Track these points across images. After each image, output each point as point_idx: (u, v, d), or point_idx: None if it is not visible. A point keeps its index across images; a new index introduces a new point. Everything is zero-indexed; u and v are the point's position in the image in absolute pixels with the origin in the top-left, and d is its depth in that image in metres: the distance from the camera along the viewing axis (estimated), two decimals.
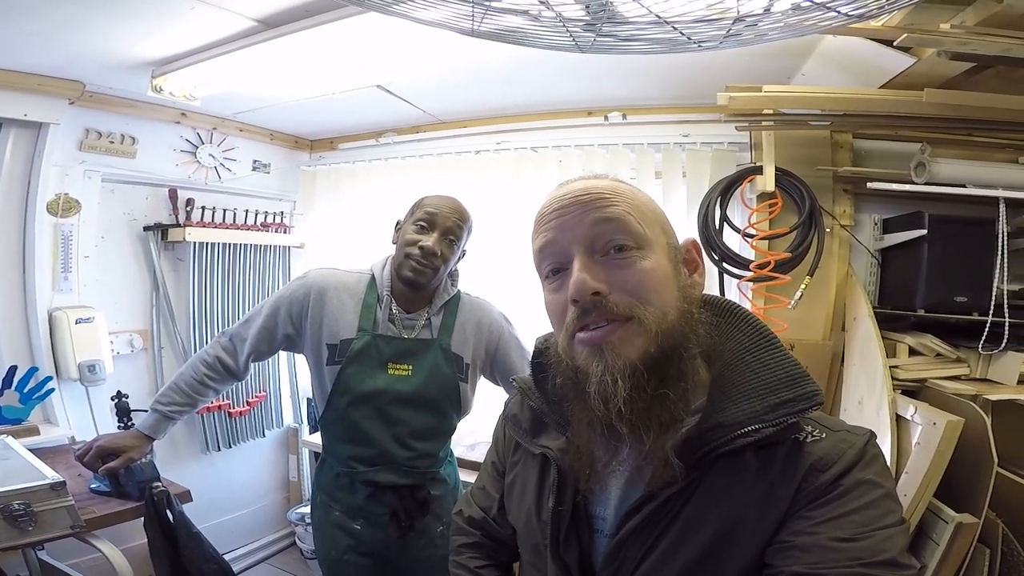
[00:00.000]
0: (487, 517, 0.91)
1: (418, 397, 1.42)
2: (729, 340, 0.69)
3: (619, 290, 0.63)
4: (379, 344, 1.42)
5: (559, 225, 0.67)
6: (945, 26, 1.10)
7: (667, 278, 0.65)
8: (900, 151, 1.75)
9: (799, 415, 0.61)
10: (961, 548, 1.20)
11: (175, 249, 2.50)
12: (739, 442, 0.60)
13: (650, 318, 0.62)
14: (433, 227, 1.40)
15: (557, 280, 0.68)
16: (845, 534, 0.56)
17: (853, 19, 0.71)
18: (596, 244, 0.65)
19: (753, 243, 1.82)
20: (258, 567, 2.81)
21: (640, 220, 0.66)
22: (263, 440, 2.84)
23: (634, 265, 0.64)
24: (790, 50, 1.58)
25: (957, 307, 1.57)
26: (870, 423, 1.45)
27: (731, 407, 0.63)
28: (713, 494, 0.61)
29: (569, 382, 0.67)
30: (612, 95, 2.08)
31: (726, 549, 0.60)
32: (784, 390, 0.62)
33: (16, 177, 2.02)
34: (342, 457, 1.47)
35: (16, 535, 1.29)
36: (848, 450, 0.60)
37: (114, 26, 1.53)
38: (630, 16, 0.83)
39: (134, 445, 1.49)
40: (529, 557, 0.79)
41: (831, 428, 0.64)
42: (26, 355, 2.08)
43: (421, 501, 1.48)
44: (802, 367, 0.65)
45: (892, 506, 0.58)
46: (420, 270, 1.38)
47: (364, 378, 1.41)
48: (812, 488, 0.59)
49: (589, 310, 0.63)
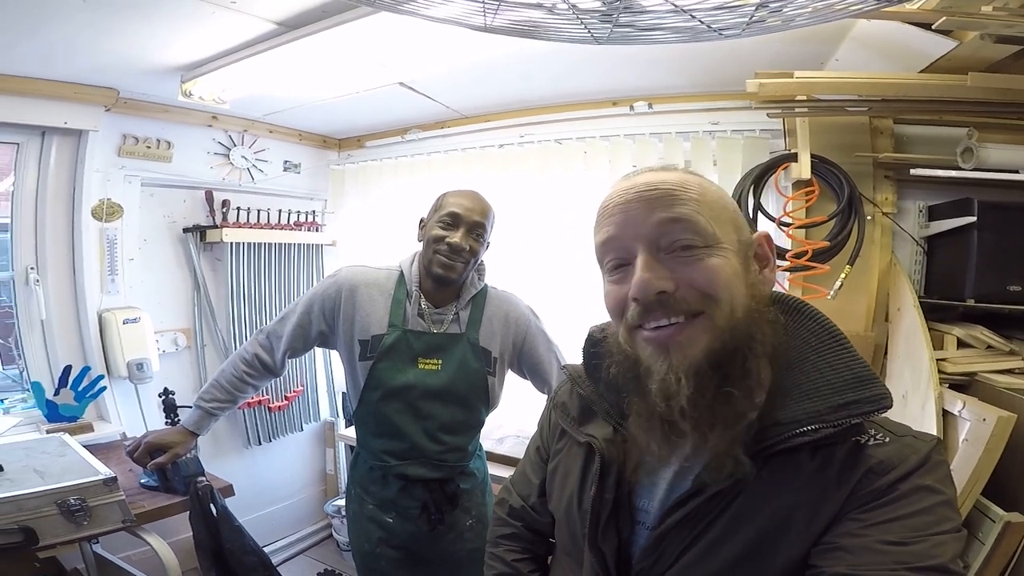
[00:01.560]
0: (526, 505, 0.91)
1: (447, 391, 1.45)
2: (796, 339, 0.67)
3: (687, 286, 0.61)
4: (409, 339, 1.44)
5: (623, 220, 0.65)
6: (987, 8, 1.03)
7: (736, 275, 0.63)
8: (945, 136, 1.67)
9: (863, 417, 0.59)
10: (1008, 548, 1.15)
11: (213, 250, 2.58)
12: (795, 441, 0.59)
13: (719, 314, 0.61)
14: (459, 224, 1.41)
15: (619, 273, 0.66)
16: (895, 538, 0.54)
17: (883, 3, 0.67)
18: (661, 242, 0.63)
19: (789, 232, 1.76)
20: (296, 559, 2.89)
21: (710, 218, 0.63)
22: (301, 434, 2.92)
23: (701, 262, 0.62)
24: (822, 35, 1.52)
25: (1010, 296, 1.49)
26: (914, 418, 1.39)
27: (792, 405, 0.62)
28: (763, 492, 0.60)
29: (628, 372, 0.67)
30: (637, 84, 2.03)
31: (769, 549, 0.59)
32: (849, 391, 0.60)
33: (62, 184, 2.12)
34: (375, 451, 1.50)
35: (73, 529, 1.36)
36: (911, 455, 0.58)
37: (142, 32, 1.57)
38: (647, 5, 0.80)
39: (180, 441, 1.56)
40: (566, 546, 0.79)
41: (896, 433, 0.62)
42: (79, 355, 2.19)
43: (450, 495, 1.50)
44: (870, 369, 0.62)
45: (949, 514, 0.56)
46: (450, 265, 1.40)
47: (395, 373, 1.44)
48: (867, 491, 0.57)
49: (653, 307, 0.62)
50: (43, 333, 2.14)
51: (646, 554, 0.66)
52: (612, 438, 0.72)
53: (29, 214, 2.09)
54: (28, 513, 1.30)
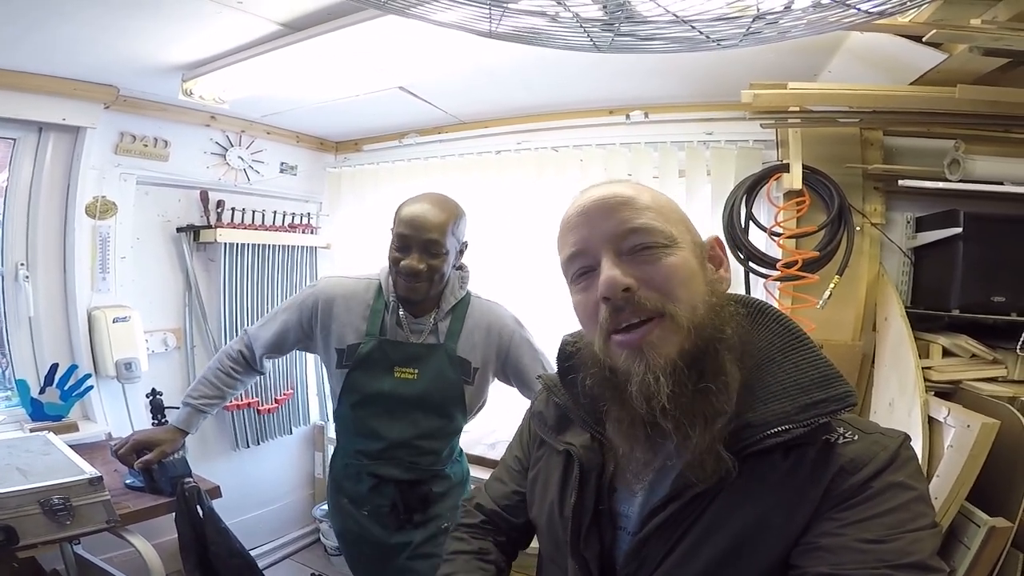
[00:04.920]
0: (497, 508, 0.92)
1: (423, 400, 1.45)
2: (760, 340, 0.69)
3: (648, 286, 0.63)
4: (385, 348, 1.45)
5: (587, 228, 0.68)
6: (976, 22, 1.06)
7: (694, 273, 0.66)
8: (933, 148, 1.70)
9: (831, 416, 0.60)
10: (993, 552, 1.17)
11: (207, 250, 2.56)
12: (768, 442, 0.60)
13: (681, 313, 0.62)
14: (410, 247, 1.37)
15: (585, 280, 0.69)
16: (873, 536, 0.55)
17: (875, 16, 0.70)
18: (623, 246, 0.66)
19: (780, 242, 1.79)
20: (283, 563, 2.86)
21: (665, 220, 0.67)
22: (290, 437, 2.90)
23: (661, 260, 0.64)
24: (815, 47, 1.55)
25: (994, 307, 1.52)
26: (901, 425, 1.41)
27: (761, 407, 0.63)
28: (740, 494, 0.61)
29: (606, 383, 0.68)
30: (633, 94, 2.06)
31: (749, 550, 0.60)
32: (816, 390, 0.61)
33: (56, 180, 2.10)
34: (349, 449, 1.52)
35: (55, 529, 1.33)
36: (880, 452, 0.60)
37: (145, 30, 1.58)
38: (648, 15, 0.82)
39: (168, 439, 1.55)
40: (550, 553, 0.79)
41: (864, 430, 0.63)
42: (67, 353, 2.16)
43: (421, 497, 1.50)
44: (835, 368, 0.64)
45: (924, 509, 0.57)
46: (412, 288, 1.40)
47: (371, 381, 1.45)
48: (841, 490, 0.58)
49: (621, 307, 0.63)
50: (31, 330, 2.11)
51: (629, 559, 0.66)
52: (590, 445, 0.73)
53: (22, 210, 2.07)
54: (9, 512, 1.27)
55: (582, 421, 0.76)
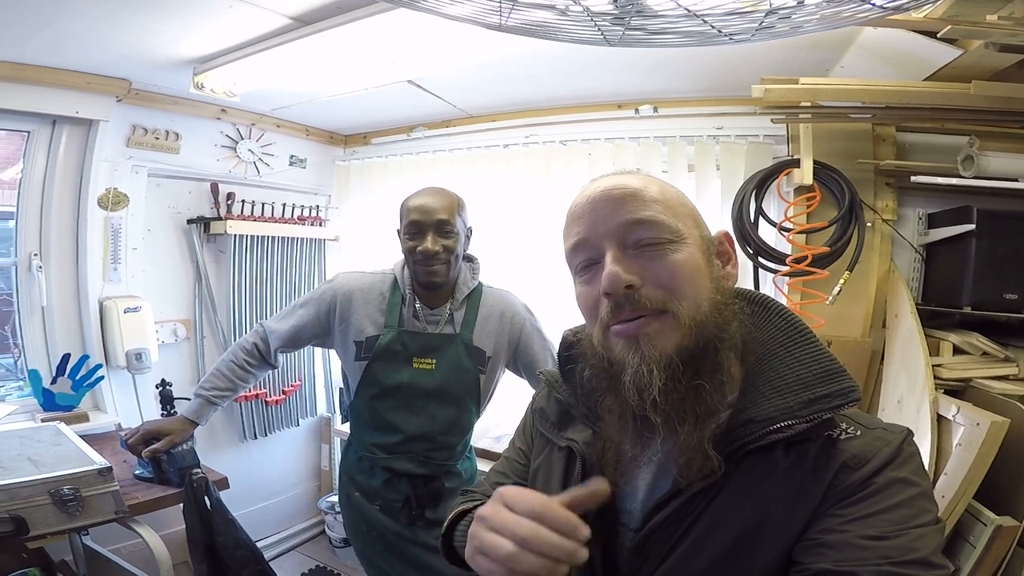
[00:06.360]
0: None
1: (441, 391, 1.47)
2: (763, 335, 0.68)
3: (652, 283, 0.63)
4: (404, 339, 1.47)
5: (592, 221, 0.67)
6: (992, 17, 1.05)
7: (700, 270, 0.65)
8: (946, 144, 1.69)
9: (833, 411, 0.60)
10: (999, 551, 1.17)
11: (217, 241, 2.58)
12: (770, 438, 0.60)
13: (684, 311, 0.62)
14: (424, 231, 1.42)
15: (588, 273, 0.68)
16: (875, 532, 0.55)
17: (889, 11, 0.69)
18: (628, 240, 0.65)
19: (790, 237, 1.78)
20: (289, 555, 2.88)
21: (672, 214, 0.66)
22: (297, 429, 2.92)
23: (666, 257, 0.64)
24: (827, 42, 1.54)
25: (1007, 305, 1.51)
26: (909, 423, 1.40)
27: (763, 402, 0.62)
28: (741, 490, 0.61)
29: (602, 373, 0.67)
30: (643, 88, 2.05)
31: (752, 546, 0.59)
32: (819, 386, 0.61)
33: (69, 173, 2.12)
34: (365, 443, 1.54)
35: (65, 519, 1.34)
36: (883, 448, 0.59)
37: (157, 24, 1.59)
38: (659, 9, 0.82)
39: (178, 429, 1.57)
40: None
41: (867, 426, 0.62)
42: (78, 343, 2.19)
43: (434, 492, 1.52)
44: (838, 363, 0.63)
45: (926, 505, 0.57)
46: (433, 271, 1.42)
47: (390, 372, 1.46)
48: (844, 486, 0.58)
49: (623, 304, 0.63)
50: (43, 320, 2.14)
51: (632, 556, 0.66)
52: (592, 441, 0.73)
53: (35, 201, 2.10)
54: (20, 502, 1.28)
55: (583, 417, 0.76)
